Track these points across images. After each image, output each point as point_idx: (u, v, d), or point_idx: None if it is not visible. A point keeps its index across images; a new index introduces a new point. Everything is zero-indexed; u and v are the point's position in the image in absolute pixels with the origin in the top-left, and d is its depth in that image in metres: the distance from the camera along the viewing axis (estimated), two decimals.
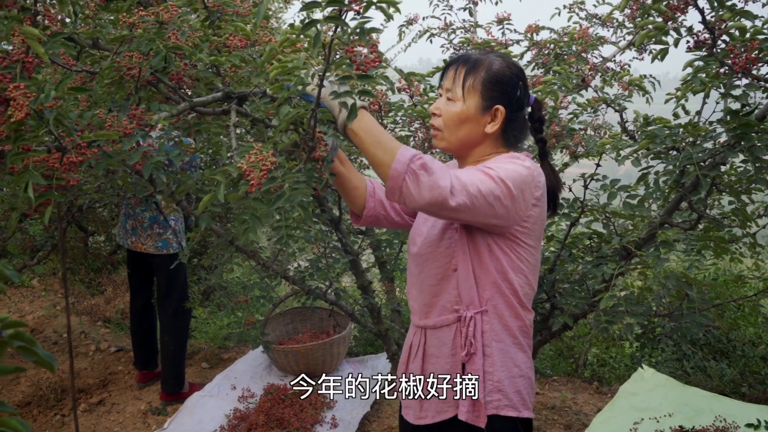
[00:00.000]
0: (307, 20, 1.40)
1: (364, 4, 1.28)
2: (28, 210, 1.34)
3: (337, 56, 1.47)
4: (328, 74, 1.48)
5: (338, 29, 1.33)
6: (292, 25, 1.51)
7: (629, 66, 3.38)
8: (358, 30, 1.30)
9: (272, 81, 1.50)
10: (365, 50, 1.41)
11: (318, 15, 1.36)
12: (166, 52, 1.66)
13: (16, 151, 1.27)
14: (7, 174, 1.33)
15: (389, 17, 1.36)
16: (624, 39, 3.48)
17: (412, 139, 2.78)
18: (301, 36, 1.53)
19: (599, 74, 3.22)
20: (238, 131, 1.92)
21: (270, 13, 2.32)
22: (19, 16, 1.28)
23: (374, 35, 1.49)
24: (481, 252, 1.66)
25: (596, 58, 3.31)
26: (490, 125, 1.68)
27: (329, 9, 1.27)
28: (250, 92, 1.86)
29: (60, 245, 3.54)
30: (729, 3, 1.83)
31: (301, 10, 1.37)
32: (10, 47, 1.46)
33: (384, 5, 1.33)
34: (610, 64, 3.38)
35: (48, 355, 0.71)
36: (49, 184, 1.30)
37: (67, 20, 1.98)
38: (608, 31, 3.54)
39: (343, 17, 1.30)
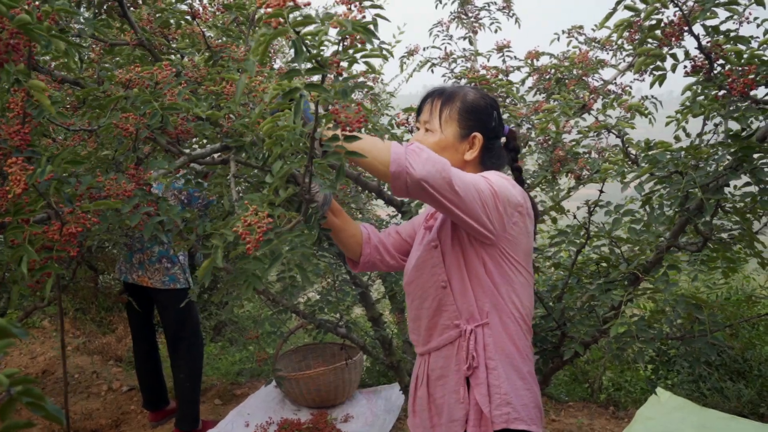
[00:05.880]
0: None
1: (345, 65, 1.30)
2: (28, 283, 1.34)
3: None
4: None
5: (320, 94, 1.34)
6: (280, 85, 1.52)
7: (630, 88, 3.40)
8: (340, 91, 1.31)
9: (266, 136, 1.52)
10: (350, 110, 1.43)
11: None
12: (162, 113, 1.68)
13: (16, 224, 1.28)
14: (8, 247, 1.33)
15: (373, 71, 1.38)
16: (624, 61, 3.50)
17: None
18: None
19: (601, 97, 3.24)
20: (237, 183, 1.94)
21: (270, 52, 2.35)
22: (26, 69, 1.30)
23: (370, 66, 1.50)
24: (475, 266, 1.70)
25: (597, 81, 3.33)
26: (469, 152, 1.76)
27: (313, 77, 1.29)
28: (248, 142, 1.88)
29: (58, 288, 3.55)
30: (723, 28, 1.84)
31: (282, 79, 1.38)
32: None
33: (369, 60, 1.35)
34: (612, 87, 3.40)
35: (57, 409, 0.71)
36: (49, 256, 1.30)
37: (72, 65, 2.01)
38: (608, 53, 3.57)
39: (325, 80, 1.32)
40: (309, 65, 1.27)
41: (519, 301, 1.72)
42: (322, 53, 1.25)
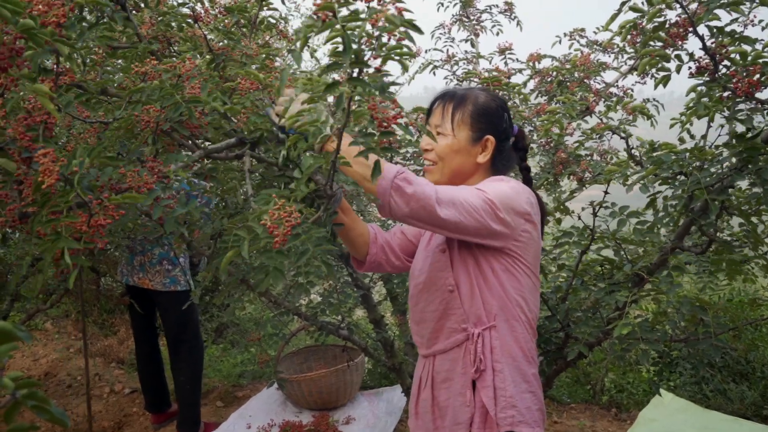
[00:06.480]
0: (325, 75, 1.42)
1: (380, 59, 1.29)
2: (54, 273, 1.34)
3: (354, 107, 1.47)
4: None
5: (357, 87, 1.33)
6: (310, 78, 1.51)
7: (632, 90, 3.39)
8: (379, 86, 1.30)
9: (289, 126, 1.51)
10: (387, 106, 1.42)
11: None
12: (185, 106, 1.68)
13: (46, 216, 1.28)
14: (35, 238, 1.33)
15: (406, 68, 1.37)
16: (626, 64, 3.50)
17: (421, 173, 2.79)
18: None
19: (603, 100, 3.24)
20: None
21: (275, 50, 2.35)
22: (31, 74, 1.30)
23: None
24: (484, 270, 1.69)
25: (599, 83, 3.33)
26: (481, 155, 1.75)
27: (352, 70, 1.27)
28: (263, 137, 1.87)
29: (79, 292, 3.55)
30: (728, 29, 1.84)
31: (323, 72, 1.36)
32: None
33: (400, 57, 1.34)
34: (614, 89, 3.39)
35: (61, 412, 0.71)
36: (77, 248, 1.29)
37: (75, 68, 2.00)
38: (609, 56, 3.57)
39: (363, 75, 1.30)
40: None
41: (526, 304, 1.72)
42: (362, 49, 1.24)
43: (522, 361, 1.70)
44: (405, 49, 1.30)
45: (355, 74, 1.28)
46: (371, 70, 1.29)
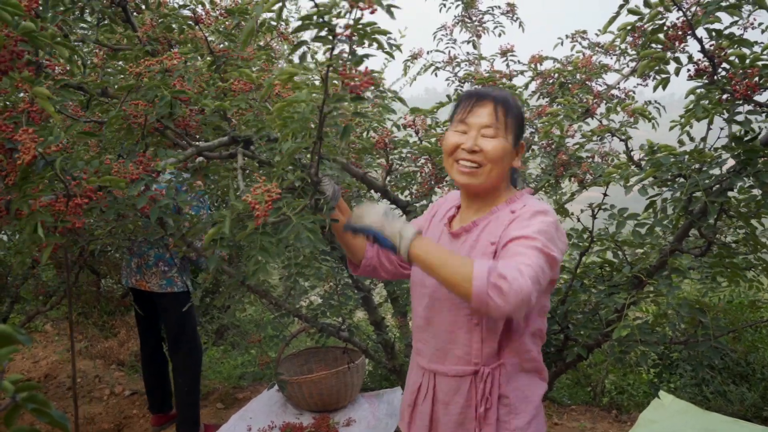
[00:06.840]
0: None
1: (357, 32, 1.31)
2: (35, 255, 1.38)
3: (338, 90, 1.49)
4: (384, 209, 1.56)
5: (331, 56, 1.35)
6: (290, 61, 1.54)
7: (633, 93, 3.40)
8: (349, 55, 1.32)
9: (276, 116, 1.51)
10: (359, 73, 1.43)
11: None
12: (170, 99, 1.69)
13: (23, 195, 1.30)
14: (14, 219, 1.34)
15: (386, 52, 1.39)
16: (627, 66, 3.50)
17: (418, 174, 2.79)
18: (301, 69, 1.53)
19: (604, 102, 3.24)
20: (246, 172, 1.95)
21: (274, 55, 2.36)
22: (31, 77, 1.30)
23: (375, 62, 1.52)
24: None
25: (600, 86, 3.33)
26: (516, 159, 1.72)
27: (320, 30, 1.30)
28: (256, 136, 1.88)
29: (68, 292, 3.55)
30: (727, 32, 1.84)
31: (293, 32, 1.38)
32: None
33: (378, 37, 1.35)
34: (615, 92, 3.39)
35: (61, 415, 0.71)
36: (54, 227, 1.31)
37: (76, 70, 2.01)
38: (611, 58, 3.57)
39: (335, 41, 1.33)
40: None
41: (542, 322, 1.71)
42: (332, 18, 1.26)
43: (528, 383, 1.69)
44: (377, 27, 1.33)
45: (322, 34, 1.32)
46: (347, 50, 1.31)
